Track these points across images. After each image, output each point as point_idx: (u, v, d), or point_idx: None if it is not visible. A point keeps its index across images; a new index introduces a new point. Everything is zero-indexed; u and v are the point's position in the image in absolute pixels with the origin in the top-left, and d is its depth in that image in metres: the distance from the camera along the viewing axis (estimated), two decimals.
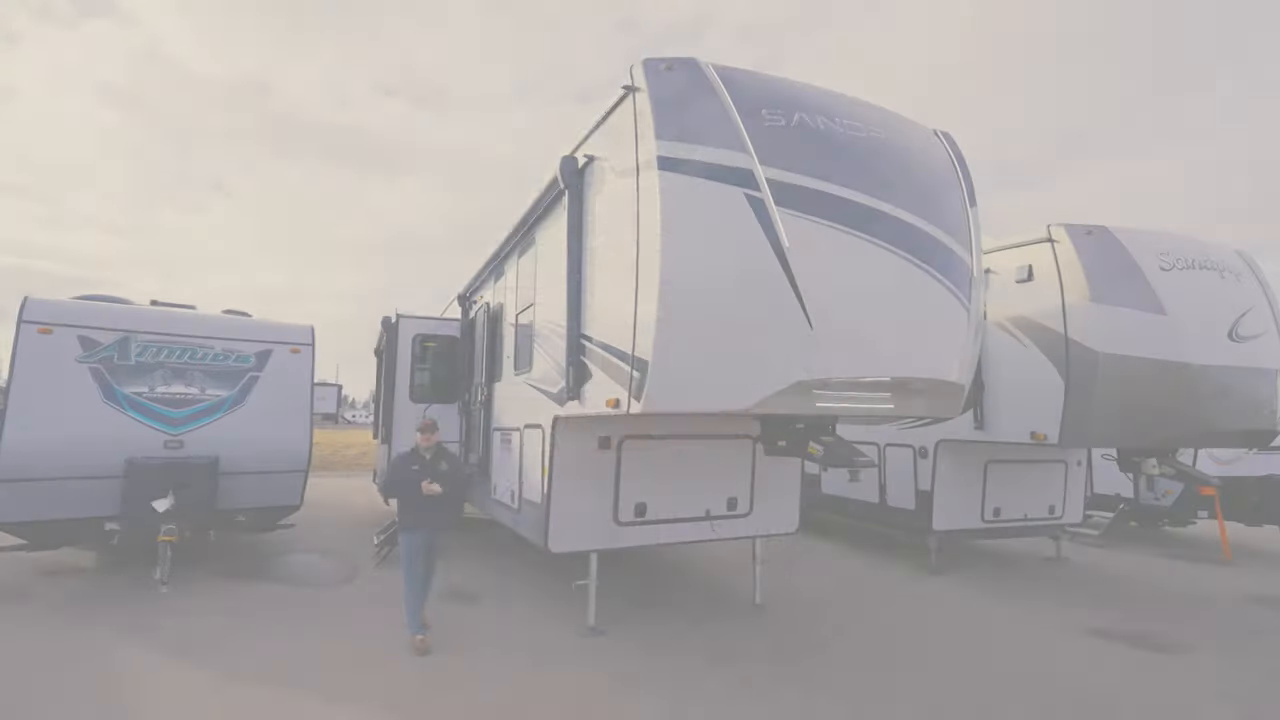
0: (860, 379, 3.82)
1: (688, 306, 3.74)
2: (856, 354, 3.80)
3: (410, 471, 5.25)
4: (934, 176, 4.36)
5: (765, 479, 6.36)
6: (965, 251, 4.29)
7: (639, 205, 4.01)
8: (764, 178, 3.72)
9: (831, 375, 3.66)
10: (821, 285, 3.70)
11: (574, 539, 5.56)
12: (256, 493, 7.86)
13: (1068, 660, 5.31)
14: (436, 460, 5.35)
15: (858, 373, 3.77)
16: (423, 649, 5.02)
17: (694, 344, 3.75)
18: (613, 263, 4.38)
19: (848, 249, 3.79)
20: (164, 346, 7.63)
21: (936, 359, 4.10)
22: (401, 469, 5.34)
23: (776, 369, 3.70)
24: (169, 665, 4.74)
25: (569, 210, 5.00)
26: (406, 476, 5.22)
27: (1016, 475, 8.39)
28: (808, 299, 3.64)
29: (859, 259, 3.82)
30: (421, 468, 5.26)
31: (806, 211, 3.75)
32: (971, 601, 6.98)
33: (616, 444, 5.67)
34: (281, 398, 8.18)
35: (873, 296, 3.87)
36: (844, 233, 3.78)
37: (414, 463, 5.30)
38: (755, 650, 5.36)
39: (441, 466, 5.33)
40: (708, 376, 3.78)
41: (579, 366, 4.84)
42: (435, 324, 10.03)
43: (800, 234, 3.68)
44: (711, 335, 3.74)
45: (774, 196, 3.70)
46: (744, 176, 3.75)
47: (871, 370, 3.83)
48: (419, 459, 5.33)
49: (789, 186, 3.78)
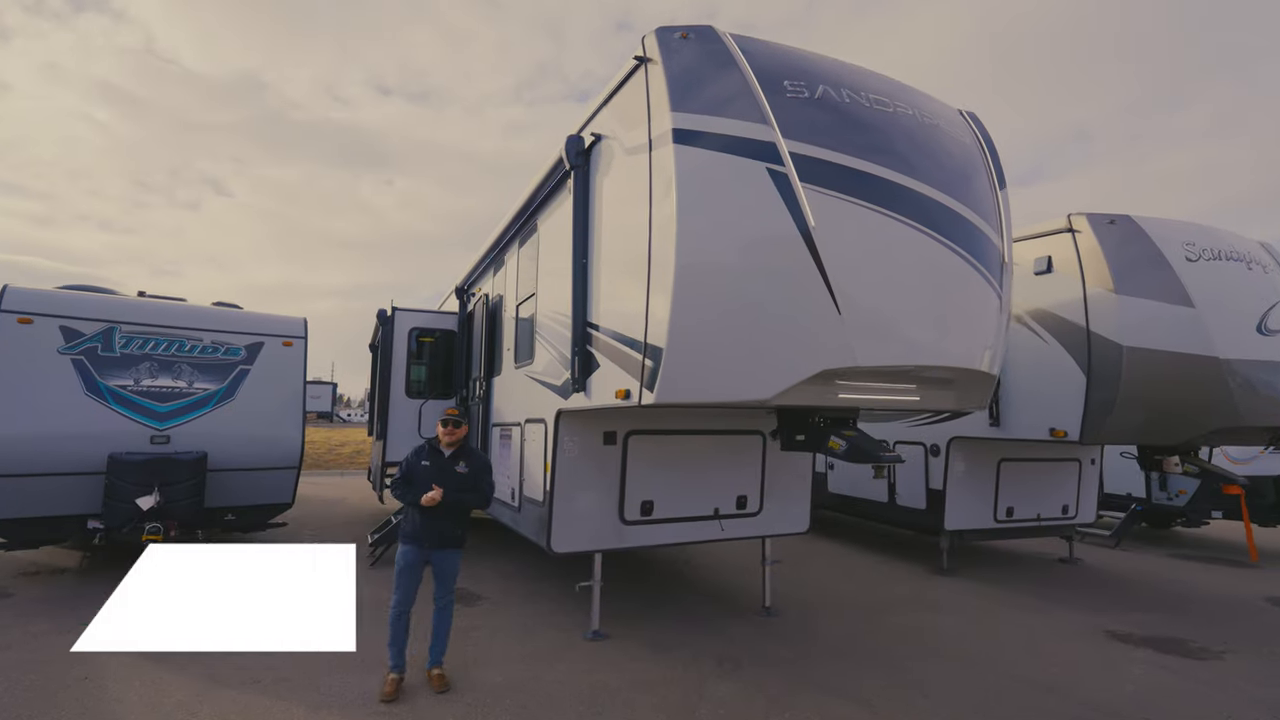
0: (889, 368, 3.57)
1: (705, 290, 3.48)
2: (886, 341, 3.55)
3: (418, 468, 4.32)
4: (962, 156, 4.12)
5: (775, 476, 6.12)
6: (996, 235, 4.06)
7: (652, 183, 3.76)
8: (787, 151, 3.46)
9: (859, 363, 3.41)
10: (849, 267, 3.45)
11: (578, 539, 5.31)
12: (246, 490, 7.60)
13: (1092, 666, 5.08)
14: (455, 460, 4.39)
15: (887, 361, 3.52)
16: (388, 694, 4.07)
17: (711, 330, 3.50)
18: (623, 246, 4.13)
19: (876, 228, 3.54)
20: (150, 338, 7.35)
21: (968, 347, 3.86)
22: (411, 462, 4.40)
23: (800, 357, 3.45)
24: (146, 671, 4.46)
25: (574, 192, 4.75)
26: (412, 473, 4.33)
27: (1030, 474, 8.17)
28: (835, 281, 3.39)
29: (888, 239, 3.57)
30: (433, 466, 4.33)
31: (832, 188, 3.49)
32: (986, 604, 6.75)
33: (622, 439, 5.42)
34: (273, 392, 7.91)
35: (902, 279, 3.62)
36: (872, 211, 3.53)
37: (426, 458, 4.38)
38: (767, 655, 5.11)
39: (458, 468, 4.34)
40: (726, 365, 3.52)
41: (585, 357, 4.59)
42: (432, 317, 9.76)
43: (826, 212, 3.43)
44: (730, 321, 3.48)
45: (798, 171, 3.45)
46: (766, 150, 3.50)
47: (902, 358, 3.58)
48: (434, 455, 4.39)
49: (813, 161, 3.53)
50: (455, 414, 4.45)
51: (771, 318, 3.47)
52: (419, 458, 4.38)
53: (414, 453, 4.44)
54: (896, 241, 3.58)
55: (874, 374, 3.60)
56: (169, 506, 6.65)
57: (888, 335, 3.55)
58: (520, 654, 5.04)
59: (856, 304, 3.43)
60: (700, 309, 3.48)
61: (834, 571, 8.08)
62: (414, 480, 4.29)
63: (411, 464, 4.37)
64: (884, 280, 3.57)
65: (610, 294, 4.35)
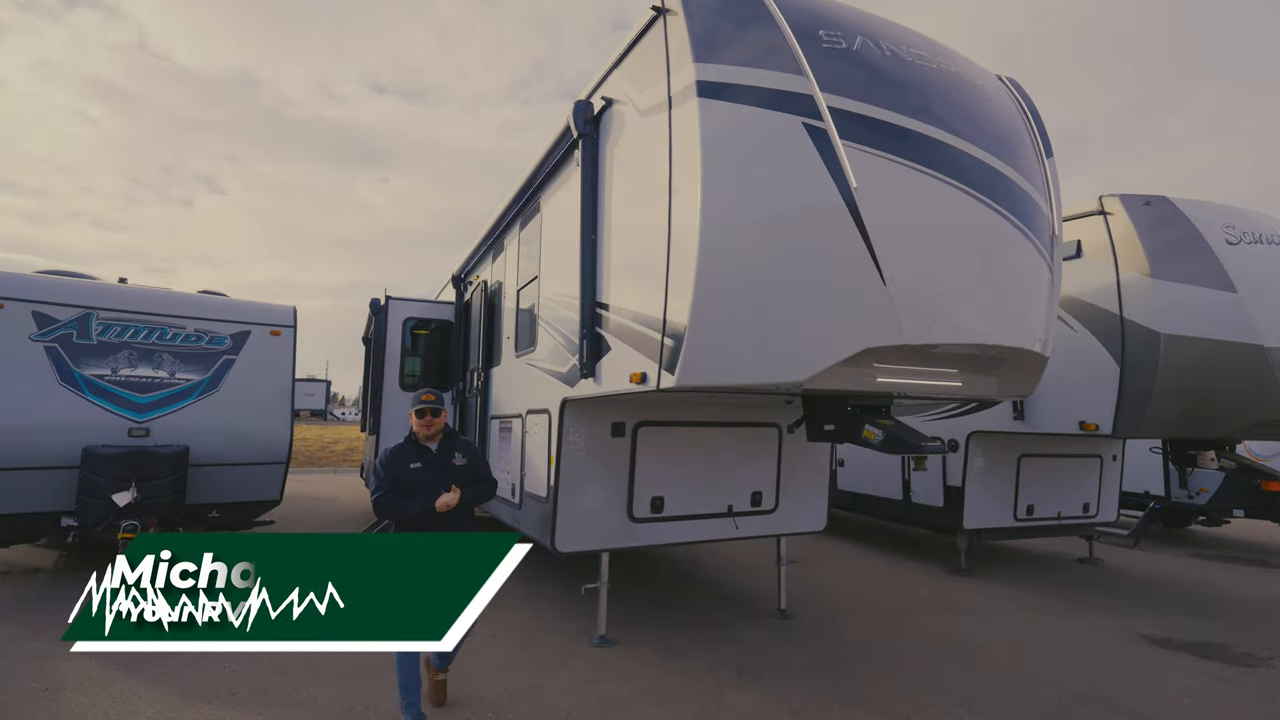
0: (939, 347, 3.21)
1: (733, 259, 3.12)
2: (935, 316, 3.19)
3: (409, 472, 3.53)
4: (1007, 120, 3.77)
5: (792, 471, 5.77)
6: (1045, 204, 3.71)
7: (672, 144, 3.39)
8: (825, 106, 3.10)
9: (906, 341, 3.05)
10: (895, 233, 3.09)
11: (584, 537, 4.95)
12: (231, 486, 7.20)
13: (1137, 675, 4.74)
14: (446, 453, 3.68)
15: (937, 339, 3.16)
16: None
17: (740, 304, 3.14)
18: (638, 217, 3.78)
19: (923, 191, 3.18)
20: (129, 325, 6.95)
21: (1022, 325, 3.50)
22: (396, 468, 3.55)
23: (840, 334, 3.09)
24: (116, 682, 4.09)
25: (583, 162, 4.38)
26: (402, 480, 3.52)
27: (1051, 470, 7.83)
28: (879, 249, 3.03)
29: (936, 203, 3.21)
30: (426, 466, 3.58)
31: (875, 146, 3.13)
32: (1011, 606, 6.41)
33: (631, 431, 5.06)
34: (259, 383, 7.52)
35: (952, 247, 3.27)
36: (919, 172, 3.18)
37: (414, 458, 3.61)
38: (786, 662, 4.76)
39: (454, 461, 3.64)
40: (755, 343, 3.16)
41: (594, 340, 4.23)
42: (428, 307, 9.37)
43: (869, 172, 3.07)
44: (761, 294, 3.12)
45: (838, 128, 3.09)
46: (802, 103, 3.13)
47: (952, 336, 3.22)
48: (420, 452, 3.65)
49: (854, 116, 3.17)
50: (433, 399, 3.65)
51: (808, 290, 3.10)
52: (404, 460, 3.59)
53: (390, 458, 3.60)
54: (944, 205, 3.23)
55: (919, 354, 3.25)
56: (148, 503, 6.25)
57: (937, 310, 3.19)
58: (521, 661, 4.68)
59: (903, 274, 3.07)
60: (727, 281, 3.12)
61: (847, 572, 7.74)
62: (407, 488, 3.51)
63: (395, 469, 3.56)
64: (932, 248, 3.22)
65: (623, 270, 3.99)
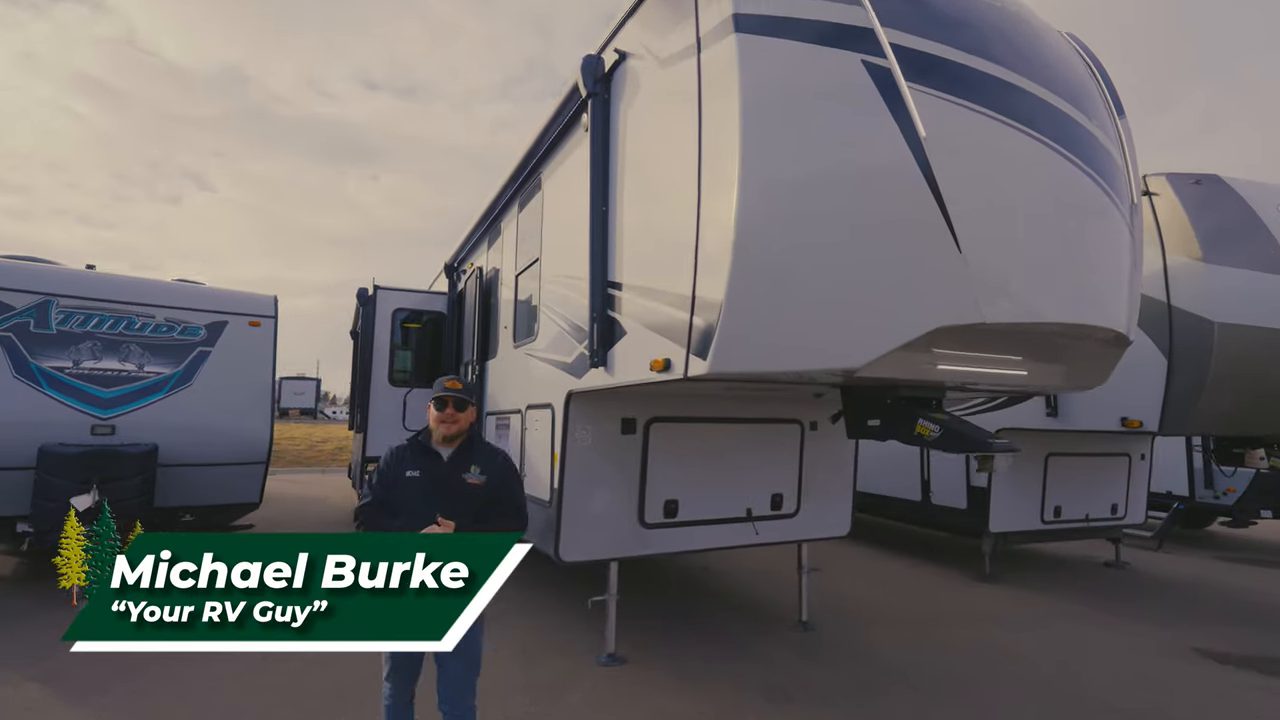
0: (1019, 327, 2.75)
1: (778, 221, 2.64)
2: (1018, 290, 2.72)
3: (401, 481, 2.62)
4: (1080, 71, 3.32)
5: (815, 473, 5.31)
6: (1123, 164, 3.26)
7: (703, 92, 2.91)
8: (887, 41, 2.63)
9: (986, 320, 2.58)
10: (972, 192, 2.63)
11: (591, 545, 4.46)
12: (205, 488, 6.69)
13: (1197, 694, 4.31)
14: (460, 464, 2.68)
15: (1021, 317, 2.69)
16: None
17: (785, 278, 2.66)
18: (660, 179, 3.30)
19: (1002, 143, 2.72)
20: (93, 314, 6.41)
21: (1108, 304, 3.05)
22: (389, 475, 2.66)
23: (906, 312, 2.61)
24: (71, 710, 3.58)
25: (592, 125, 3.90)
26: (392, 490, 2.63)
27: (1078, 470, 7.41)
28: (954, 210, 2.56)
29: (1016, 157, 2.75)
30: (425, 477, 2.63)
31: (945, 90, 2.67)
32: (1048, 616, 5.98)
33: (643, 427, 4.58)
34: (237, 377, 6.99)
35: (1034, 207, 2.80)
36: (996, 120, 2.71)
37: (412, 463, 2.66)
38: (817, 683, 4.30)
39: (467, 476, 2.64)
40: (802, 324, 2.69)
41: (606, 324, 3.74)
42: (419, 298, 8.85)
43: (939, 119, 2.60)
44: (811, 264, 2.64)
45: (901, 67, 2.62)
46: (860, 38, 2.66)
47: (1037, 314, 2.76)
48: (424, 457, 2.69)
49: (919, 55, 2.70)
50: (458, 386, 2.70)
51: (867, 260, 2.63)
52: (400, 464, 2.66)
53: (391, 457, 2.71)
54: (1024, 160, 2.76)
55: (990, 337, 2.79)
56: (112, 506, 5.73)
57: (1020, 283, 2.72)
58: (521, 684, 4.20)
59: (981, 241, 2.60)
60: (771, 250, 2.64)
61: (865, 578, 7.28)
62: (396, 502, 2.60)
63: (389, 475, 2.64)
64: (1013, 210, 2.75)
65: (641, 243, 3.51)
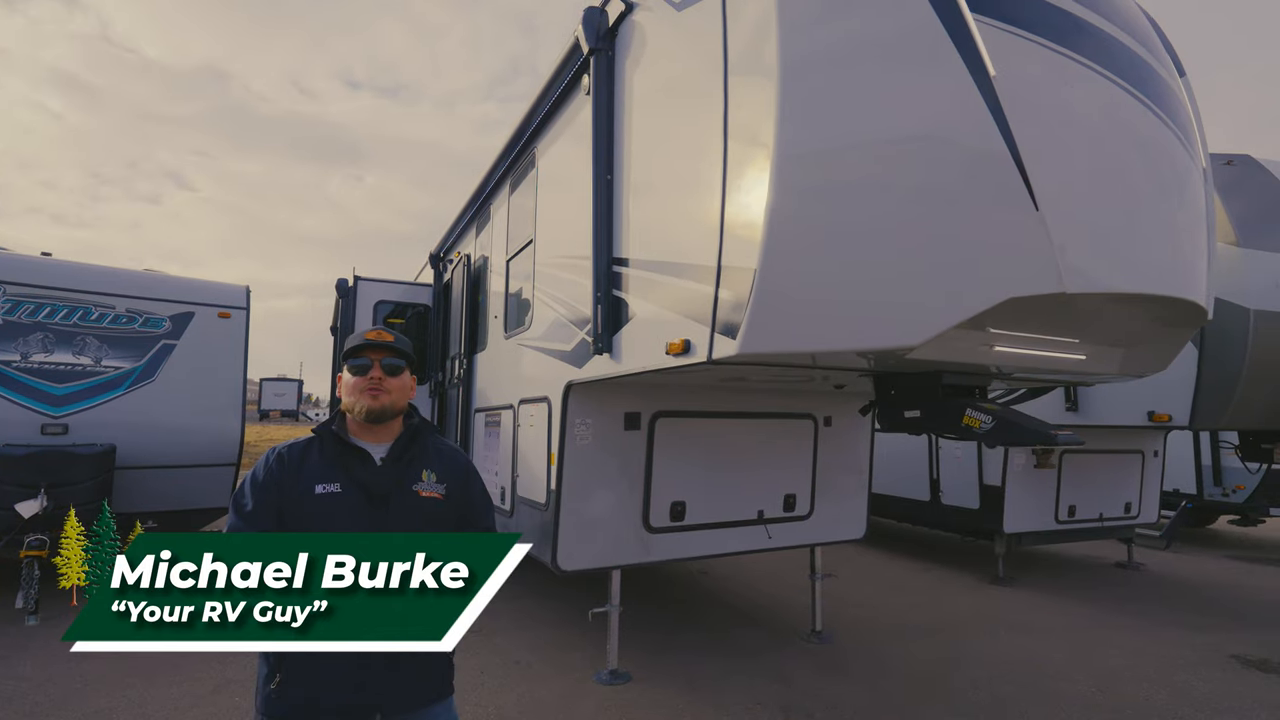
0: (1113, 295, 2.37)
1: (822, 175, 2.25)
2: (1100, 255, 2.34)
3: (310, 502, 1.68)
4: (1142, 23, 2.97)
5: (829, 471, 4.96)
6: (1194, 122, 2.91)
7: (727, 34, 2.53)
8: None
9: (1068, 289, 2.20)
10: (1047, 139, 2.25)
11: (592, 553, 4.07)
12: (169, 492, 6.19)
13: (1249, 710, 3.99)
14: (404, 466, 1.77)
15: (1108, 286, 2.32)
16: None
17: (829, 243, 2.27)
18: (677, 139, 2.91)
19: (1077, 84, 2.35)
20: (45, 303, 5.90)
21: (1191, 273, 2.69)
22: (278, 492, 1.68)
23: (974, 279, 2.23)
24: None
25: (595, 85, 3.50)
26: (293, 514, 1.68)
27: (1092, 468, 7.12)
28: (1029, 160, 2.19)
29: (1093, 100, 2.38)
30: (350, 493, 1.70)
31: (1009, 22, 2.29)
32: (1070, 621, 5.66)
33: (648, 423, 4.19)
34: (205, 372, 6.50)
35: (1115, 162, 2.44)
36: (1069, 59, 2.34)
37: (322, 473, 1.70)
38: (840, 701, 3.93)
39: (416, 488, 1.75)
40: (848, 297, 2.30)
41: (612, 305, 3.34)
42: (403, 289, 8.37)
43: (1009, 55, 2.23)
44: (860, 223, 2.25)
45: None
46: None
47: (1123, 282, 2.39)
48: (344, 461, 1.73)
49: None
50: (389, 340, 1.78)
51: (928, 217, 2.24)
52: (303, 475, 1.70)
53: (281, 465, 1.71)
54: (1102, 103, 2.39)
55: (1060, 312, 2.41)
56: (61, 513, 5.23)
57: (1106, 246, 2.35)
58: (515, 704, 3.80)
59: (1061, 197, 2.23)
60: (814, 206, 2.25)
61: (876, 584, 6.93)
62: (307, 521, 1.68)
63: (285, 493, 1.69)
64: (1096, 161, 2.38)
65: (654, 213, 3.12)
